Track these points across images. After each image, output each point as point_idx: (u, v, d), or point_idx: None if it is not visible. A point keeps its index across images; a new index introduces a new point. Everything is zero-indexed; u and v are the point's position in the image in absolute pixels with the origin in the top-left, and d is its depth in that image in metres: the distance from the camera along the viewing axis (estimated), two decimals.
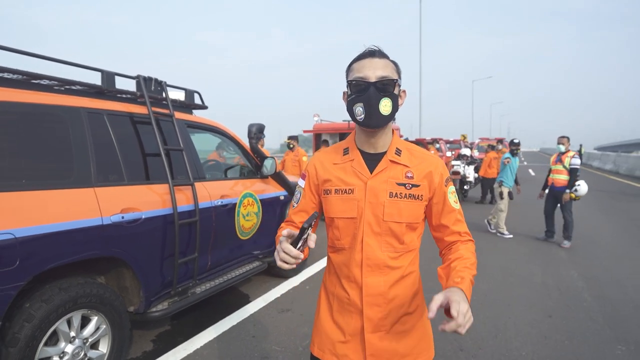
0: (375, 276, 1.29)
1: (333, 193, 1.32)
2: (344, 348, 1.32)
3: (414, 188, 1.29)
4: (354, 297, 1.30)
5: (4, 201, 2.02)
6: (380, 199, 1.27)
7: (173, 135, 3.20)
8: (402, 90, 1.34)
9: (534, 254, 6.00)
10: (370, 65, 1.24)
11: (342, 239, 1.33)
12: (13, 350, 2.03)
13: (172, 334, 3.42)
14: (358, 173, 1.30)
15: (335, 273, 1.37)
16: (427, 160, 1.34)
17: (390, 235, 1.28)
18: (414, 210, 1.29)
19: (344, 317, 1.33)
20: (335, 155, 1.37)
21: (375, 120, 1.24)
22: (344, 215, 1.30)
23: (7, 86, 2.32)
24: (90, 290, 2.39)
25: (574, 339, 3.32)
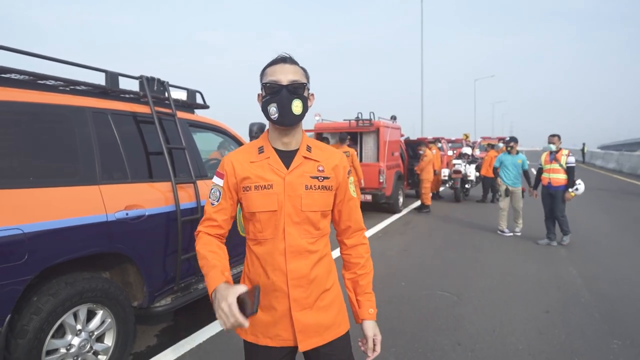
0: (297, 261, 1.41)
1: (253, 189, 1.41)
2: (275, 329, 1.43)
3: (325, 180, 1.45)
4: (280, 283, 1.41)
5: (12, 198, 2.08)
6: (297, 192, 1.40)
7: (175, 134, 3.27)
8: (311, 94, 1.49)
9: (533, 252, 6.05)
10: (282, 70, 1.38)
11: (264, 231, 1.42)
12: (22, 341, 2.10)
13: (175, 329, 3.50)
14: (275, 170, 1.41)
15: (259, 264, 1.44)
16: (333, 155, 1.51)
17: (308, 224, 1.43)
18: (326, 199, 1.46)
19: (271, 302, 1.43)
20: (251, 154, 1.46)
21: (288, 119, 1.37)
22: (265, 209, 1.40)
23: (14, 86, 2.39)
24: (96, 285, 2.46)
25: (570, 334, 3.37)
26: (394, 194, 9.13)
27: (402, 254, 5.95)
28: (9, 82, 2.39)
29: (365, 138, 9.18)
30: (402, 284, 4.59)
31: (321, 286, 1.46)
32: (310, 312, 1.44)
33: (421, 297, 4.18)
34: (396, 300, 4.10)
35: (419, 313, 3.79)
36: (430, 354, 3.05)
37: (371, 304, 1.51)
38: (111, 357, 2.60)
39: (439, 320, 3.62)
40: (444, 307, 3.92)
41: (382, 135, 8.75)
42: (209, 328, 3.42)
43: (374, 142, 9.01)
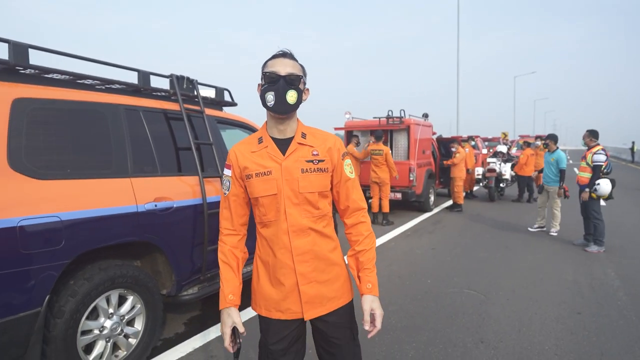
0: (300, 238, 1.55)
1: (254, 177, 1.55)
2: (285, 303, 1.57)
3: (320, 163, 1.57)
4: (287, 260, 1.54)
5: (51, 188, 2.25)
6: (294, 175, 1.53)
7: (203, 130, 3.40)
8: (306, 89, 1.62)
9: (568, 253, 5.83)
10: (281, 63, 1.51)
11: (268, 214, 1.56)
12: (60, 321, 2.27)
13: (202, 318, 3.64)
14: (273, 157, 1.54)
15: (268, 245, 1.59)
16: (327, 139, 1.62)
17: (307, 204, 1.55)
18: (322, 180, 1.57)
19: (280, 279, 1.56)
20: (252, 145, 1.59)
21: (283, 107, 1.50)
22: (266, 193, 1.54)
23: (56, 86, 2.57)
24: (127, 272, 2.61)
25: (602, 335, 3.25)
26: (424, 193, 9.02)
27: (430, 252, 5.88)
28: (51, 82, 2.57)
29: (396, 136, 9.12)
30: (427, 282, 4.55)
31: (325, 261, 1.59)
32: (316, 284, 1.57)
33: (447, 295, 4.14)
34: (420, 297, 4.07)
35: (443, 310, 3.75)
36: (451, 350, 3.03)
37: (370, 279, 1.60)
38: (140, 340, 2.75)
39: (463, 318, 3.58)
40: (469, 305, 3.87)
41: (413, 133, 8.66)
42: None
43: (405, 140, 8.93)
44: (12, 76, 2.33)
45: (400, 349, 3.05)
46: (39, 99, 2.35)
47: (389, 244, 6.37)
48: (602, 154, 5.81)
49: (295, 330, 1.60)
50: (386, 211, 7.87)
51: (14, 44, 2.25)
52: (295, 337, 1.62)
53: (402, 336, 3.24)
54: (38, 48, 2.39)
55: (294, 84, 1.50)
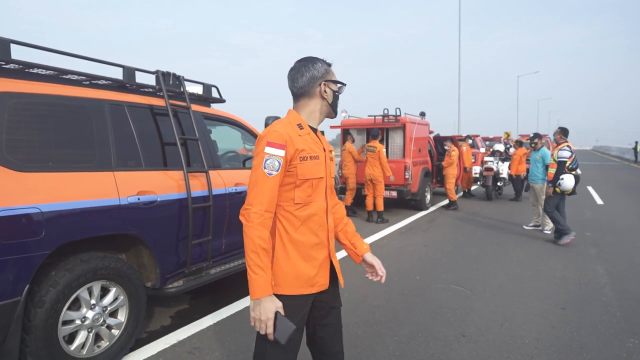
0: (330, 217, 1.76)
1: (309, 159, 1.63)
2: (315, 278, 1.66)
3: (330, 153, 1.79)
4: (323, 237, 1.70)
5: (32, 181, 2.30)
6: (329, 162, 1.75)
7: (190, 126, 3.44)
8: None
9: (560, 250, 5.84)
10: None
11: (313, 194, 1.67)
12: (40, 310, 2.31)
13: (189, 311, 3.68)
14: (317, 143, 1.70)
15: (303, 224, 1.64)
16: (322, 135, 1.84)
17: (331, 187, 1.80)
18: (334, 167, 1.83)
19: (313, 255, 1.66)
20: (296, 129, 1.65)
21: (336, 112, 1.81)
22: (316, 175, 1.65)
23: (41, 80, 2.62)
24: (109, 264, 2.65)
25: (583, 330, 3.27)
26: (420, 191, 9.03)
27: (422, 249, 5.91)
28: (36, 77, 2.62)
29: (392, 134, 9.13)
30: (416, 278, 4.58)
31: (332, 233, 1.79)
32: (333, 253, 1.77)
33: (433, 290, 4.16)
34: (406, 293, 4.10)
35: (427, 305, 3.78)
36: (432, 343, 3.05)
37: (363, 241, 1.89)
38: (123, 331, 2.79)
39: (447, 313, 3.60)
40: (454, 300, 3.89)
41: (408, 131, 8.68)
42: (221, 312, 3.57)
43: (400, 139, 8.95)
44: None
45: (381, 342, 3.08)
46: (21, 93, 2.40)
47: (381, 241, 6.40)
48: (567, 150, 6.00)
49: (308, 306, 1.70)
50: (380, 209, 7.89)
51: None
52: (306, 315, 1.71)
53: (385, 330, 3.27)
54: (20, 43, 2.45)
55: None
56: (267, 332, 1.49)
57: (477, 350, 2.95)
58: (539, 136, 7.26)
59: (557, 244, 6.10)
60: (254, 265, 1.48)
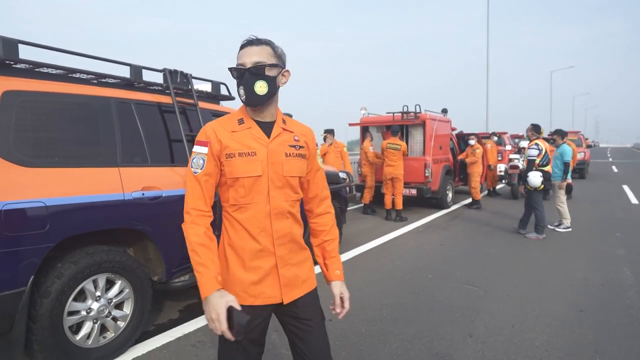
0: (281, 222, 1.54)
1: (237, 156, 1.48)
2: (259, 287, 1.52)
3: (301, 149, 1.60)
4: (266, 243, 1.52)
5: (37, 176, 2.38)
6: (279, 159, 1.53)
7: (197, 123, 3.49)
8: (285, 71, 1.56)
9: (586, 251, 5.59)
10: (247, 52, 1.47)
11: (248, 196, 1.50)
12: (46, 301, 2.40)
13: (197, 305, 3.73)
14: (257, 138, 1.52)
15: (243, 229, 1.51)
16: (304, 128, 1.68)
17: (288, 187, 1.56)
18: (302, 166, 1.60)
19: (256, 263, 1.52)
20: (231, 125, 1.53)
21: (254, 100, 1.49)
22: (249, 174, 1.49)
23: (49, 79, 2.71)
24: (114, 257, 2.72)
25: (601, 333, 3.12)
26: (441, 189, 8.85)
27: (438, 248, 5.78)
28: (45, 76, 2.71)
29: (412, 131, 9.00)
30: (429, 277, 4.48)
31: (297, 244, 1.61)
32: (292, 267, 1.58)
33: (445, 290, 4.07)
34: (417, 291, 4.02)
35: (437, 304, 3.69)
36: (437, 343, 2.98)
37: (337, 266, 1.67)
38: (129, 323, 2.86)
39: (457, 312, 3.51)
40: (466, 300, 3.79)
41: (429, 128, 8.52)
42: None
43: (420, 136, 8.80)
44: (4, 70, 2.47)
45: (384, 340, 3.03)
46: (29, 91, 2.49)
47: (397, 239, 6.31)
48: (534, 149, 6.22)
49: (264, 320, 1.56)
50: (399, 208, 7.78)
51: (3, 39, 2.39)
52: (263, 328, 1.57)
53: (390, 328, 3.21)
54: (27, 43, 2.53)
55: (261, 73, 1.46)
56: (222, 330, 1.33)
57: (483, 351, 2.86)
58: (560, 132, 6.99)
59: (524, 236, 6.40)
60: (195, 264, 1.42)
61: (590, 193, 11.64)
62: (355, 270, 4.70)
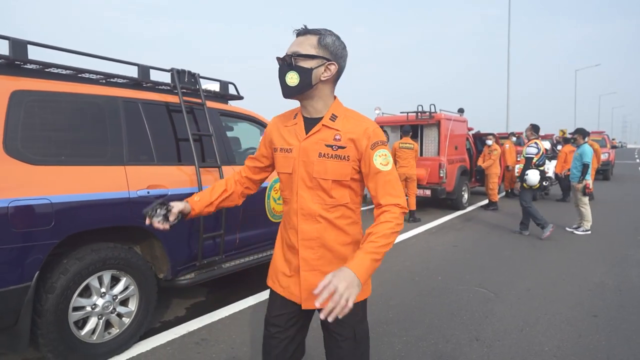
0: (308, 224, 1.49)
1: (279, 151, 1.56)
2: (288, 281, 1.56)
3: (339, 149, 1.44)
4: (293, 241, 1.53)
5: (44, 173, 2.43)
6: (310, 158, 1.46)
7: (204, 122, 3.51)
8: (330, 63, 1.44)
9: (603, 253, 5.41)
10: (293, 43, 1.46)
11: (285, 191, 1.57)
12: (51, 296, 2.45)
13: (204, 303, 3.77)
14: (297, 135, 1.50)
15: (285, 220, 1.61)
16: (358, 125, 1.46)
17: (320, 190, 1.47)
18: (340, 169, 1.44)
19: (289, 255, 1.57)
20: (288, 119, 1.58)
21: (285, 91, 1.45)
22: (284, 170, 1.54)
23: (59, 79, 2.77)
24: (119, 254, 2.76)
25: (614, 339, 3.00)
26: (456, 190, 8.71)
27: (450, 249, 5.69)
28: (54, 76, 2.78)
29: (426, 131, 8.89)
30: (438, 278, 4.41)
31: (332, 252, 1.50)
32: (319, 274, 1.46)
33: (454, 292, 3.99)
34: (426, 293, 3.96)
35: (445, 307, 3.63)
36: (442, 346, 2.92)
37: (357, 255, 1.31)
38: (133, 320, 2.89)
39: (465, 315, 3.44)
40: (475, 303, 3.71)
41: (444, 128, 8.40)
42: (234, 305, 3.62)
43: (435, 136, 8.68)
44: (13, 70, 2.54)
45: (389, 341, 2.99)
46: (37, 91, 2.54)
47: (409, 240, 6.24)
48: (534, 147, 6.30)
49: (294, 314, 1.56)
50: (413, 208, 7.70)
51: (13, 40, 2.46)
52: (294, 321, 1.57)
53: (395, 330, 3.17)
54: (36, 44, 2.60)
55: (292, 64, 1.41)
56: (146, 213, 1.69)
57: (489, 354, 2.80)
58: (581, 132, 6.79)
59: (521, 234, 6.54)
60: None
61: (614, 195, 11.29)
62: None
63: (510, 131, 12.66)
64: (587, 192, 6.52)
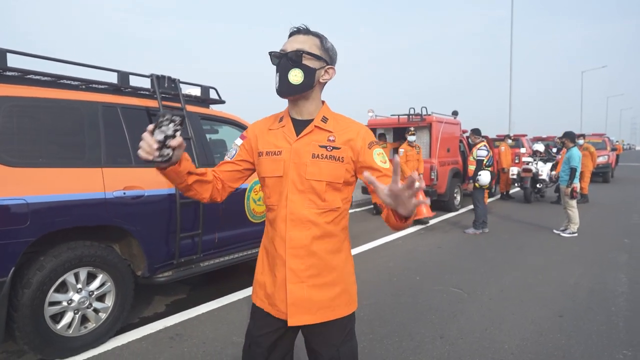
0: (298, 230, 1.39)
1: (265, 155, 1.46)
2: (274, 299, 1.44)
3: (334, 150, 1.39)
4: (280, 251, 1.42)
5: (21, 175, 2.57)
6: (303, 159, 1.39)
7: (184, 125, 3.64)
8: (329, 67, 1.44)
9: (586, 256, 5.47)
10: (293, 40, 1.40)
11: (271, 197, 1.46)
12: (27, 291, 2.58)
13: (184, 301, 3.90)
14: (287, 137, 1.43)
15: (270, 230, 1.49)
16: (350, 127, 1.45)
17: (312, 193, 1.39)
18: (334, 170, 1.39)
19: (274, 268, 1.45)
20: (272, 123, 1.51)
21: (285, 89, 1.38)
22: (272, 174, 1.43)
23: (39, 86, 2.91)
24: (95, 252, 2.90)
25: (574, 338, 3.09)
26: (448, 192, 8.79)
27: (434, 250, 5.78)
28: (35, 83, 2.92)
29: (419, 133, 8.97)
30: (416, 279, 4.51)
31: (323, 262, 1.42)
32: (307, 287, 1.40)
33: (428, 292, 4.09)
34: (400, 293, 4.06)
35: (417, 306, 3.73)
36: (405, 343, 3.03)
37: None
38: (110, 315, 3.03)
39: (434, 314, 3.54)
40: (447, 303, 3.80)
41: (435, 130, 8.49)
42: (213, 303, 3.74)
43: (427, 138, 8.77)
44: None
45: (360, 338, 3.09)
46: (16, 97, 2.68)
47: (396, 242, 6.33)
48: (484, 150, 6.81)
49: (278, 331, 1.47)
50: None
51: None
52: (279, 340, 1.49)
53: (363, 328, 3.27)
54: (16, 52, 2.74)
55: (300, 62, 1.36)
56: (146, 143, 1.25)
57: (450, 352, 2.89)
58: (569, 135, 6.85)
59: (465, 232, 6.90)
60: None
61: (612, 197, 11.29)
62: None
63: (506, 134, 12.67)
64: (575, 196, 6.58)
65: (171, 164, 1.30)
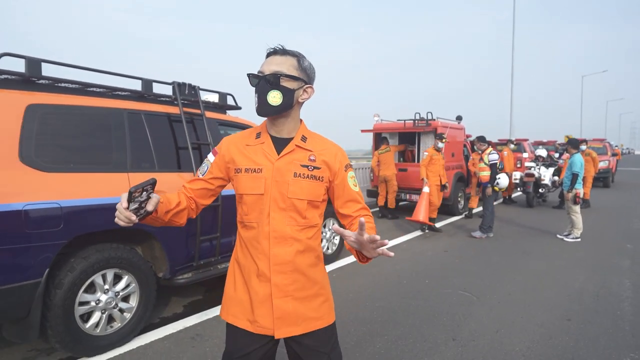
0: (281, 247, 1.43)
1: (243, 172, 1.46)
2: (254, 315, 1.45)
3: (315, 170, 1.46)
4: (263, 267, 1.44)
5: (55, 180, 2.68)
6: (285, 178, 1.42)
7: (203, 131, 3.76)
8: (307, 87, 1.48)
9: (590, 260, 5.59)
10: (270, 61, 1.43)
11: (250, 214, 1.46)
12: (59, 291, 2.69)
13: (201, 302, 4.00)
14: (267, 154, 1.45)
15: (246, 247, 1.49)
16: (329, 147, 1.52)
17: (293, 211, 1.44)
18: (315, 189, 1.46)
19: (254, 286, 1.46)
20: (249, 139, 1.51)
21: (265, 109, 1.41)
22: (252, 192, 1.44)
23: (68, 93, 3.01)
24: (121, 254, 3.00)
25: (582, 342, 3.20)
26: (452, 196, 8.90)
27: (441, 254, 5.89)
28: (65, 90, 3.03)
29: (424, 138, 9.09)
30: (425, 282, 4.62)
31: (305, 276, 1.47)
32: (292, 300, 1.45)
33: (438, 295, 4.20)
34: (411, 296, 4.17)
35: (428, 309, 3.84)
36: (420, 345, 3.13)
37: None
38: (134, 315, 3.13)
39: (445, 317, 3.65)
40: (457, 306, 3.91)
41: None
42: None
43: (432, 143, 8.87)
44: (29, 86, 2.79)
45: (370, 340, 3.21)
46: (49, 104, 2.80)
47: (402, 245, 6.45)
48: (495, 154, 7.16)
49: (262, 347, 1.48)
50: (392, 207, 8.72)
51: (28, 59, 2.71)
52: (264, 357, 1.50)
53: (377, 329, 3.38)
54: (50, 62, 2.85)
55: (276, 83, 1.39)
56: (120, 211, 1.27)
57: (462, 354, 3.00)
58: (572, 142, 6.99)
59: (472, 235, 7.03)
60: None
61: (613, 202, 11.40)
62: (356, 273, 4.88)
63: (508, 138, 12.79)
64: (577, 201, 6.70)
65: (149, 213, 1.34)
